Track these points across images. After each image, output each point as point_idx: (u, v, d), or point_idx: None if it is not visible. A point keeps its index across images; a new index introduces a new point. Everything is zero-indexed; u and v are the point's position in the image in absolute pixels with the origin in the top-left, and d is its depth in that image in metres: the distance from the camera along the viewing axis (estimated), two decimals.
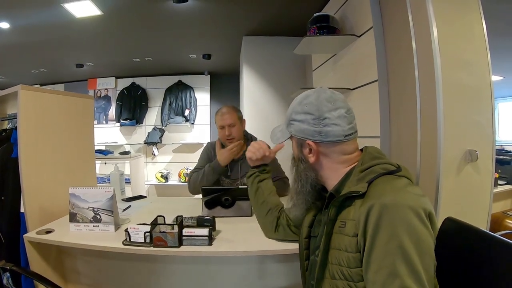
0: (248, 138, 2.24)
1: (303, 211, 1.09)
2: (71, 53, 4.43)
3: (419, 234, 0.76)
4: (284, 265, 1.55)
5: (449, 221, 1.07)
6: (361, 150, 1.02)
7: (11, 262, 1.35)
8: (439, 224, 1.09)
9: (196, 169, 2.21)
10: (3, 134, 2.04)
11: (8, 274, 1.34)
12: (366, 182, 0.87)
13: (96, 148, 4.64)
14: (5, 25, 3.15)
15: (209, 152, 2.25)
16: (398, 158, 1.80)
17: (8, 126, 2.13)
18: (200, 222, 1.43)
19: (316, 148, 0.98)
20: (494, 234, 0.92)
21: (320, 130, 0.96)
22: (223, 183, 2.18)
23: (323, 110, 0.96)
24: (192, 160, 4.27)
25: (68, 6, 2.81)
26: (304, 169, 1.02)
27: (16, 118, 1.78)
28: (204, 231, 1.34)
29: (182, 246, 1.34)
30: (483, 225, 1.60)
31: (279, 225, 1.34)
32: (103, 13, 3.02)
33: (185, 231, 1.35)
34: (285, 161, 2.14)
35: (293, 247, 1.28)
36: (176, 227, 1.34)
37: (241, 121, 2.19)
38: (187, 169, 5.60)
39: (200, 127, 5.90)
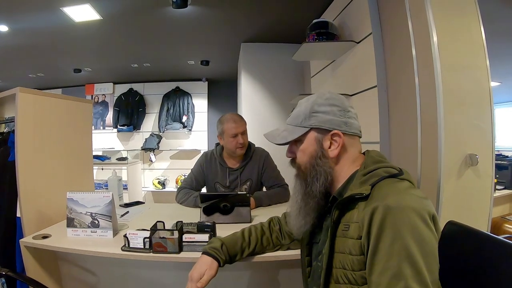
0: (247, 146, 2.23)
1: (314, 220, 1.03)
2: (69, 58, 4.43)
3: (423, 235, 0.76)
4: (285, 271, 1.54)
5: (450, 225, 1.06)
6: (363, 153, 1.02)
7: (6, 267, 1.33)
8: (441, 227, 1.08)
9: (185, 185, 2.22)
10: (0, 137, 2.02)
11: (3, 280, 1.32)
12: (369, 184, 0.87)
13: (93, 153, 4.61)
14: (3, 28, 3.14)
15: (203, 165, 2.23)
16: (399, 163, 1.78)
17: (5, 130, 2.11)
18: (201, 228, 1.41)
19: (343, 138, 0.97)
20: (496, 236, 0.92)
21: (346, 121, 0.97)
22: (221, 192, 2.17)
23: (345, 104, 1.00)
24: (189, 167, 4.26)
25: (67, 10, 2.81)
26: (324, 165, 0.97)
27: (13, 121, 1.77)
28: (205, 237, 1.33)
29: (182, 252, 1.33)
30: (484, 229, 1.60)
31: (276, 244, 1.30)
32: (102, 18, 3.02)
33: (185, 237, 1.34)
34: (284, 168, 2.15)
35: (294, 253, 1.27)
36: (176, 233, 1.32)
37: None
38: (184, 175, 5.57)
39: (197, 134, 5.90)
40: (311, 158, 0.99)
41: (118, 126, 5.80)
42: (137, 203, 2.28)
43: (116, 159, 5.43)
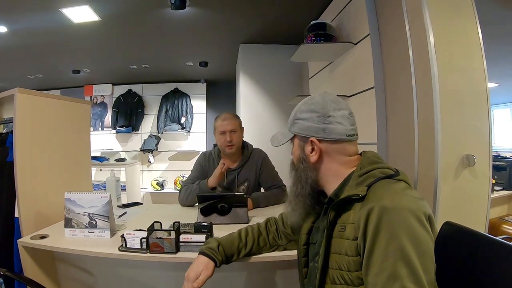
0: (244, 146, 2.23)
1: (302, 215, 1.07)
2: (68, 59, 4.43)
3: (419, 236, 0.76)
4: (282, 272, 1.54)
5: (447, 225, 1.06)
6: (360, 154, 1.02)
7: (4, 267, 1.33)
8: (437, 228, 1.09)
9: (187, 183, 2.19)
10: None
11: (1, 280, 1.32)
12: (366, 185, 0.87)
13: (92, 154, 4.60)
14: (2, 29, 3.15)
15: (203, 164, 2.23)
16: (396, 164, 1.79)
17: (4, 130, 2.11)
18: (198, 228, 1.41)
19: (319, 145, 0.97)
20: (493, 237, 0.92)
21: (324, 127, 0.97)
22: (218, 192, 2.16)
23: (328, 108, 0.98)
24: (188, 168, 4.32)
25: (66, 11, 2.82)
26: (305, 169, 1.01)
27: (12, 122, 1.77)
28: (202, 237, 1.33)
29: (179, 252, 1.33)
30: (481, 230, 1.61)
31: (273, 245, 1.31)
32: (101, 19, 3.02)
33: (182, 237, 1.34)
34: (282, 169, 2.15)
35: (291, 254, 1.27)
36: (173, 233, 1.32)
37: (241, 128, 2.19)
38: (182, 176, 5.57)
39: (196, 135, 5.90)
40: (297, 161, 1.04)
41: (117, 127, 5.80)
42: (135, 204, 2.28)
43: (115, 160, 5.43)
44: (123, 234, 1.36)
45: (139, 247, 1.34)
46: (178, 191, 2.20)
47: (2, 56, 4.03)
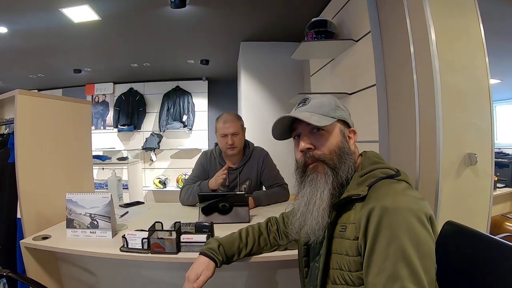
0: (246, 145, 2.22)
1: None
2: (69, 58, 4.43)
3: (419, 237, 0.76)
4: (283, 271, 1.54)
5: (449, 225, 1.06)
6: (360, 155, 1.03)
7: (7, 268, 1.33)
8: (439, 228, 1.08)
9: (188, 182, 2.19)
10: (0, 139, 2.02)
11: (5, 280, 1.33)
12: (366, 185, 0.87)
13: (94, 153, 4.61)
14: (3, 29, 3.16)
15: (204, 163, 2.22)
16: (397, 162, 1.80)
17: (6, 131, 2.12)
18: (199, 228, 1.41)
19: (355, 137, 1.03)
20: (494, 237, 0.91)
21: (353, 124, 1.05)
22: (220, 192, 2.15)
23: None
24: (190, 166, 4.29)
25: (66, 11, 2.81)
26: (350, 155, 0.97)
27: (13, 123, 1.77)
28: (203, 237, 1.33)
29: (180, 253, 1.33)
30: (483, 228, 1.60)
31: (273, 245, 1.30)
32: (101, 19, 3.02)
33: (183, 238, 1.34)
34: (283, 167, 2.15)
35: (291, 253, 1.27)
36: (174, 233, 1.32)
37: (243, 129, 2.17)
38: (185, 174, 5.58)
39: (198, 133, 5.90)
40: (338, 149, 0.97)
41: (119, 126, 5.80)
42: (137, 203, 2.28)
43: (117, 159, 5.44)
44: (124, 235, 1.36)
45: (140, 247, 1.34)
46: (180, 190, 2.20)
47: (3, 56, 4.03)
